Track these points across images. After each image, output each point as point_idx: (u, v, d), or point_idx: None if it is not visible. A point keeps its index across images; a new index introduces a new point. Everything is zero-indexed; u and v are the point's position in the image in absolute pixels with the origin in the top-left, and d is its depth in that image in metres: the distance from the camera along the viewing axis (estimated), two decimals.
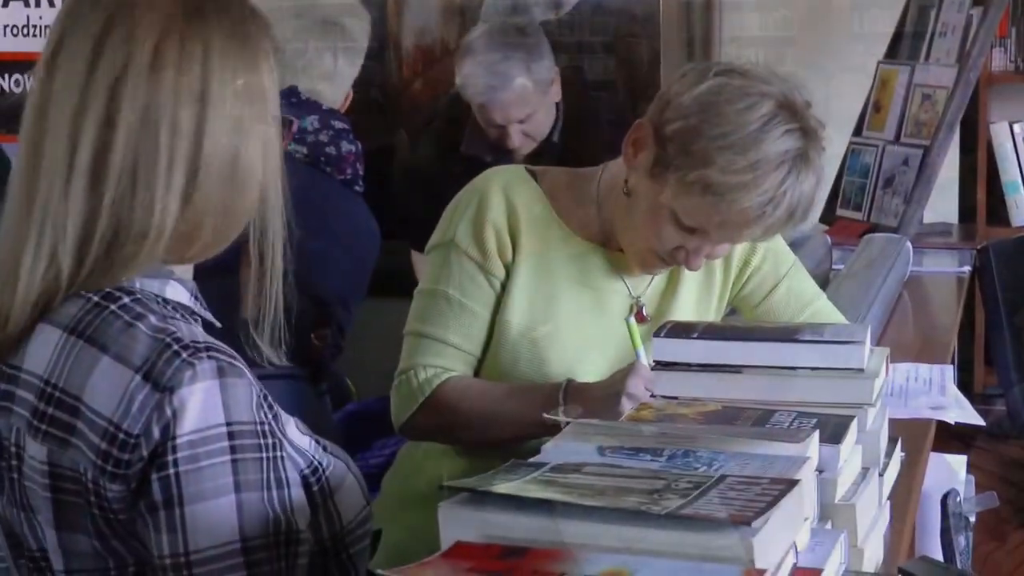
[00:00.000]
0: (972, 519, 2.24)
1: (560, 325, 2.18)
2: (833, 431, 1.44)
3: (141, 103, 1.36)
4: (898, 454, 1.68)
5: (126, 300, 1.39)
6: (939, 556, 2.15)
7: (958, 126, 3.73)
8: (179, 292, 1.44)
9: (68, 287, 1.39)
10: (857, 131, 3.89)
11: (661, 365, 1.67)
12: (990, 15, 3.66)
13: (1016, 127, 4.01)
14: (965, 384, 3.60)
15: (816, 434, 1.40)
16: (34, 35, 4.69)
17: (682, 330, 1.70)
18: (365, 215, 3.42)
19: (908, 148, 3.71)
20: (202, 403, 1.32)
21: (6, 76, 4.75)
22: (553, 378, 2.14)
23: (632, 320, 2.08)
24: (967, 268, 3.50)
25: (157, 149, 1.36)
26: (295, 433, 1.44)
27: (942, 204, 3.96)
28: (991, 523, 2.55)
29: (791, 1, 4.14)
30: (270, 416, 1.37)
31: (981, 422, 2.35)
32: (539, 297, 2.19)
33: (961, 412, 2.30)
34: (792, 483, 1.19)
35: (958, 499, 2.17)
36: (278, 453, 1.37)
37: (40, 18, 4.70)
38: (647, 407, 1.54)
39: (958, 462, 2.30)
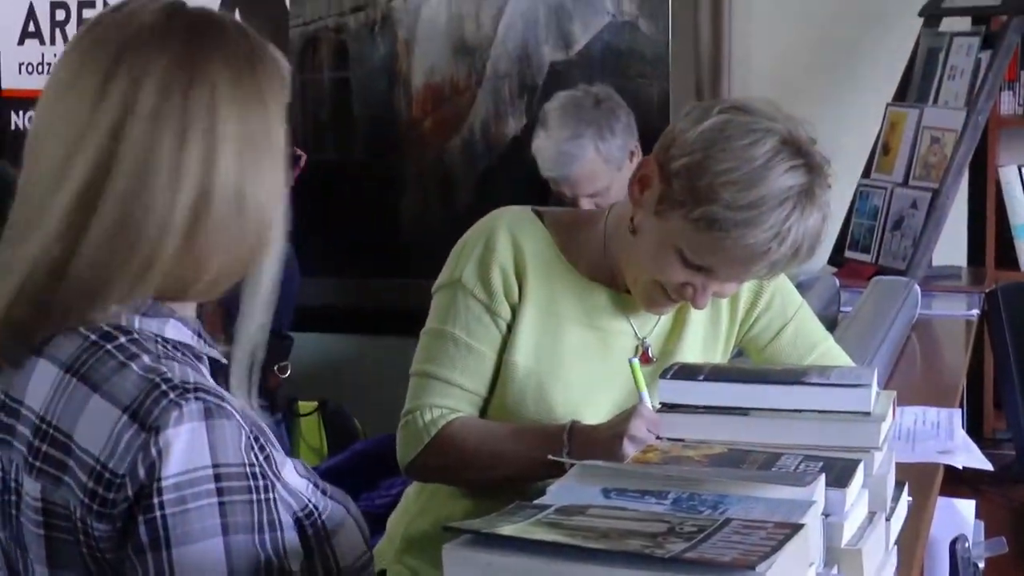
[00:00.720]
0: (981, 565, 2.23)
1: (566, 366, 2.18)
2: (839, 475, 1.43)
3: (141, 145, 1.36)
4: (905, 498, 1.68)
5: (122, 340, 1.39)
6: None
7: (967, 169, 3.73)
8: (180, 331, 1.44)
9: (50, 318, 1.39)
10: (866, 173, 3.89)
11: (667, 407, 1.66)
12: (999, 59, 3.67)
13: None
14: (974, 428, 3.59)
15: (822, 478, 1.39)
16: (49, 73, 4.71)
17: (688, 372, 1.69)
18: (290, 251, 3.47)
19: (917, 191, 3.71)
20: (187, 444, 1.31)
21: (21, 113, 4.77)
22: (559, 418, 2.14)
23: (636, 361, 2.07)
24: (976, 311, 3.49)
25: (155, 190, 1.36)
26: (292, 475, 1.43)
27: (951, 247, 3.95)
28: (1000, 569, 2.53)
29: (800, 42, 4.15)
30: (261, 458, 1.36)
31: (989, 466, 2.34)
32: (545, 338, 2.18)
33: (969, 456, 2.28)
34: (797, 527, 1.19)
35: (967, 544, 2.16)
36: (270, 495, 1.36)
37: (55, 56, 4.72)
38: (653, 449, 1.54)
39: (967, 507, 2.29)
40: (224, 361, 1.47)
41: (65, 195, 1.37)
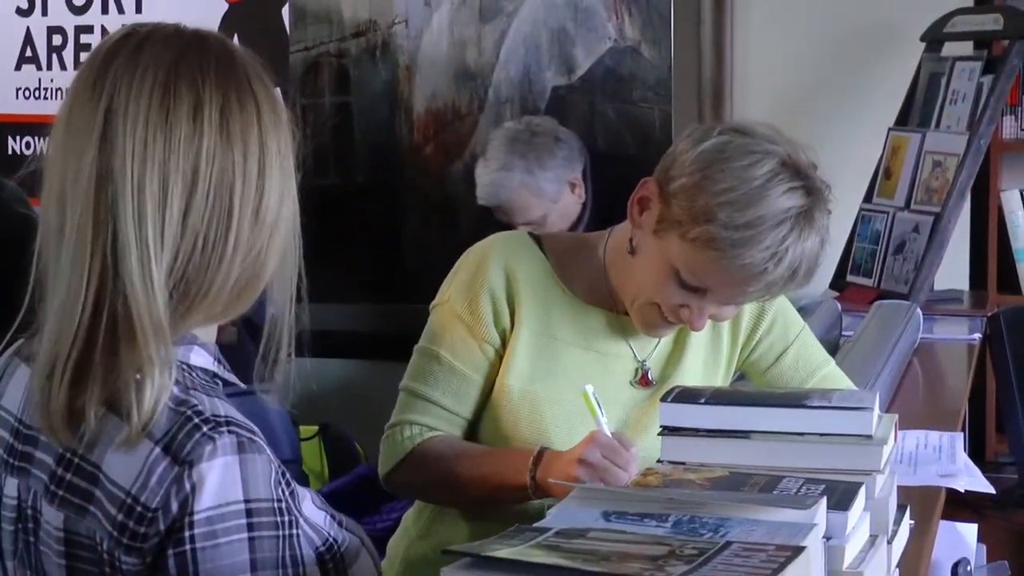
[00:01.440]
0: None
1: (563, 389, 2.17)
2: (841, 498, 1.43)
3: (216, 166, 1.36)
4: (907, 522, 1.67)
5: None
6: None
7: (969, 193, 3.72)
8: (203, 357, 1.43)
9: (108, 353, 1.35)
10: (867, 197, 3.89)
11: (668, 430, 1.66)
12: (1000, 83, 3.67)
13: None
14: (976, 452, 3.58)
15: (823, 500, 1.38)
16: (46, 98, 4.73)
17: (689, 395, 1.69)
18: None
19: (919, 215, 3.71)
20: (221, 479, 1.31)
21: (18, 138, 4.78)
22: (552, 442, 2.14)
23: (588, 389, 2.06)
24: (978, 335, 3.48)
25: (231, 208, 1.37)
26: (311, 509, 1.41)
27: (953, 271, 3.94)
28: None
29: (802, 67, 4.15)
30: (287, 493, 1.36)
31: (991, 490, 2.33)
32: (541, 361, 2.18)
33: (971, 480, 2.28)
34: (798, 550, 1.18)
35: (969, 568, 2.15)
36: (294, 531, 1.35)
37: (52, 81, 4.73)
38: (653, 472, 1.53)
39: (969, 530, 2.28)
40: (243, 387, 1.47)
41: (164, 225, 1.34)
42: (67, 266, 1.36)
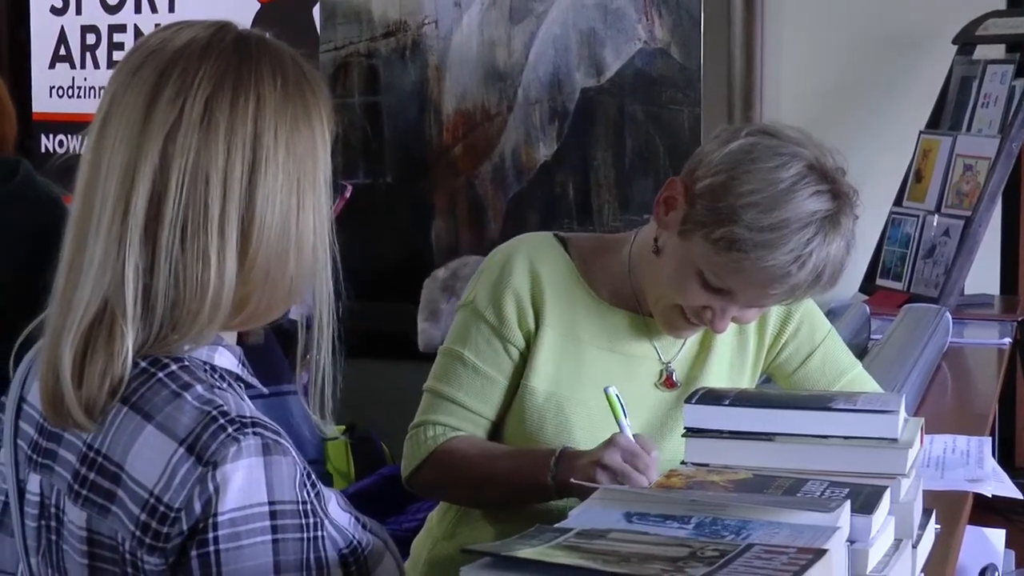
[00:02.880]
0: None
1: (587, 390, 2.17)
2: (865, 501, 1.42)
3: (192, 155, 1.33)
4: (933, 526, 1.66)
5: (174, 368, 1.36)
6: None
7: (1000, 197, 3.71)
8: (227, 359, 1.42)
9: (140, 347, 1.35)
10: (898, 201, 3.87)
11: (692, 432, 1.65)
12: None
13: None
14: (1004, 457, 3.56)
15: (848, 504, 1.38)
16: (80, 97, 4.75)
17: (714, 397, 1.68)
18: None
19: (949, 218, 3.69)
20: (245, 480, 1.30)
21: (51, 136, 4.80)
22: (577, 443, 2.13)
23: (611, 391, 2.05)
24: (1008, 340, 3.46)
25: (208, 201, 1.33)
26: (336, 510, 1.41)
27: (983, 275, 3.92)
28: None
29: (833, 69, 4.14)
30: (312, 495, 1.35)
31: (1020, 495, 2.32)
32: (566, 363, 2.18)
33: (999, 485, 2.26)
34: (820, 552, 1.17)
35: (996, 574, 2.14)
36: (318, 533, 1.34)
37: (85, 80, 4.75)
38: (676, 474, 1.53)
39: (997, 536, 2.27)
40: (266, 392, 1.46)
41: (127, 222, 1.33)
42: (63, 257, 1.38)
